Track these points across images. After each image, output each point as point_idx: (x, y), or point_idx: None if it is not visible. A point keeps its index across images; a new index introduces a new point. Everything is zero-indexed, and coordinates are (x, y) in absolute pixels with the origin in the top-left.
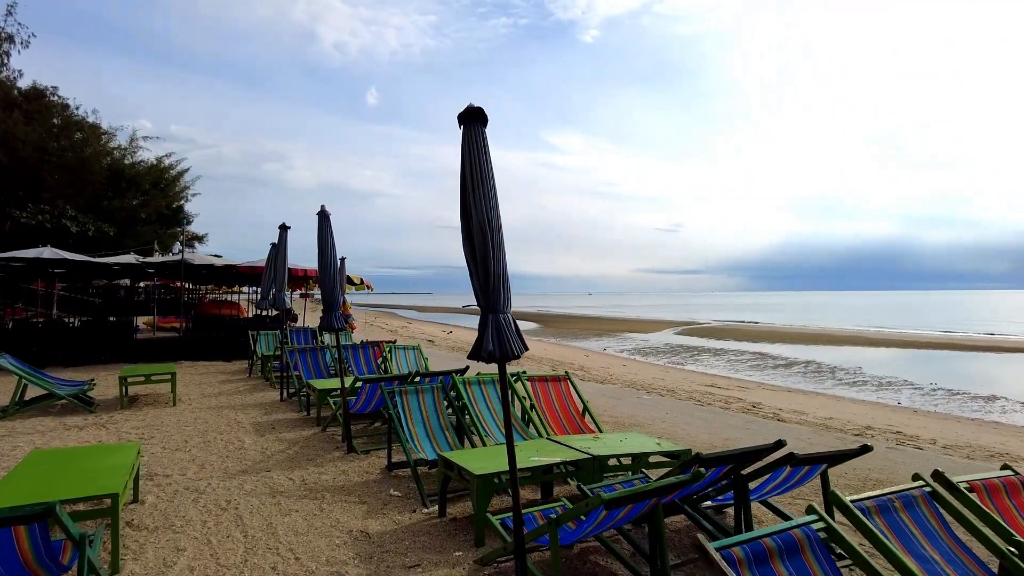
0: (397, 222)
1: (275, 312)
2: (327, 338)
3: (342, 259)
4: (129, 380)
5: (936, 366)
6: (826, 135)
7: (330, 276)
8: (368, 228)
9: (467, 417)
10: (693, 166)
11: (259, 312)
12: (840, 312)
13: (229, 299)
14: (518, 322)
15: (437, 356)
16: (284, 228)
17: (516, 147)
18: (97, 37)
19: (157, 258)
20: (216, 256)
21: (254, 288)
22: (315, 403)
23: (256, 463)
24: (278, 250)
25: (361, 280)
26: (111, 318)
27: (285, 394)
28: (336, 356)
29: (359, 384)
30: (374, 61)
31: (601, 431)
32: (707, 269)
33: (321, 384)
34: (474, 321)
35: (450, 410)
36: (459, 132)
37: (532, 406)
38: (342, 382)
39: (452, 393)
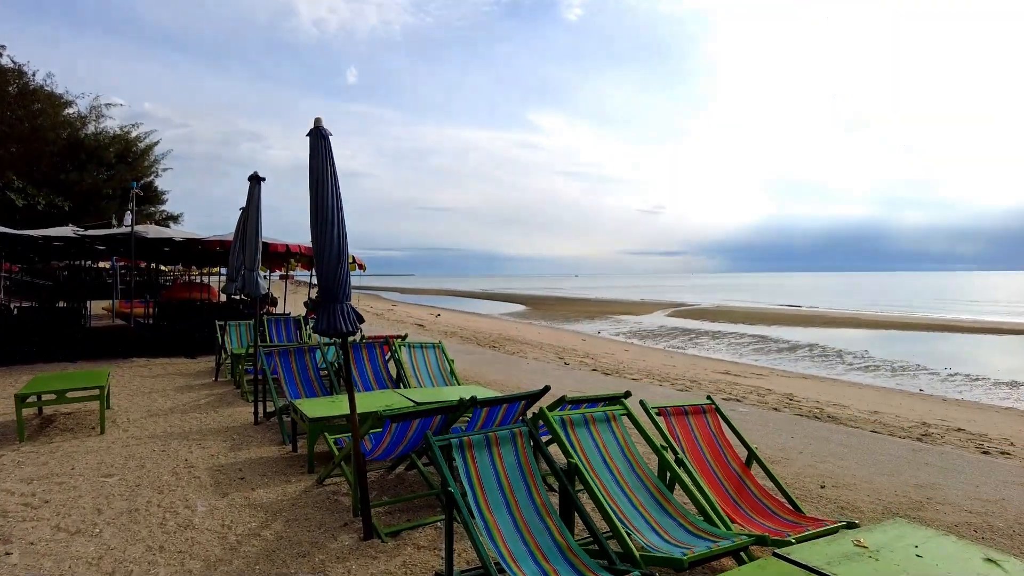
0: (376, 203)
1: (246, 297)
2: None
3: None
4: (40, 397)
5: (937, 348)
6: (804, 117)
7: (334, 241)
8: (347, 210)
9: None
10: (675, 147)
11: (233, 296)
12: (824, 293)
13: (202, 281)
14: (507, 303)
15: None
16: (257, 180)
17: (497, 127)
18: (58, 11)
19: (101, 231)
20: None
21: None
22: (306, 437)
23: (210, 564)
24: (247, 213)
25: (353, 259)
26: (61, 304)
27: (261, 413)
28: (333, 357)
29: (382, 419)
30: (353, 39)
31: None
32: (688, 250)
33: (314, 409)
34: (461, 303)
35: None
36: (443, 112)
37: (679, 461)
38: (353, 414)
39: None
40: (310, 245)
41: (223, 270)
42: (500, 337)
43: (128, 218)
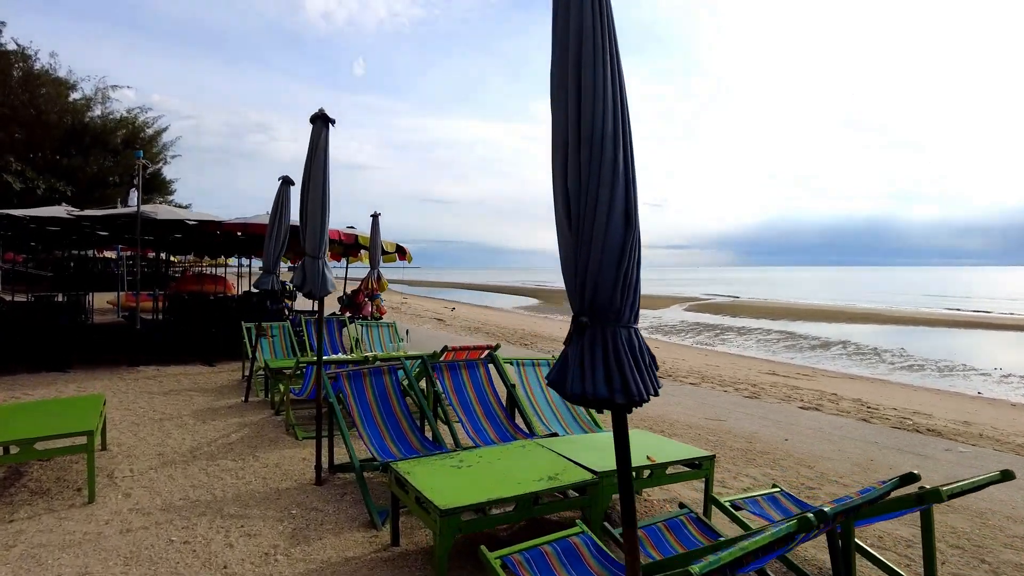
0: (382, 195)
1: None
2: (357, 332)
3: (375, 215)
4: None
5: (970, 344)
6: (811, 113)
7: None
8: (354, 201)
9: None
10: (680, 141)
11: (258, 290)
12: (836, 288)
13: (214, 272)
14: (518, 297)
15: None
16: (325, 121)
17: (503, 119)
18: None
19: (99, 211)
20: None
21: (245, 260)
22: (431, 534)
23: None
24: (308, 177)
25: (397, 247)
26: (59, 297)
27: (325, 464)
28: (424, 388)
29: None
30: (361, 31)
31: None
32: (694, 244)
33: (442, 489)
34: (471, 296)
35: None
36: (449, 105)
37: None
38: None
39: None
40: (348, 231)
41: (243, 260)
42: (529, 334)
43: (133, 197)
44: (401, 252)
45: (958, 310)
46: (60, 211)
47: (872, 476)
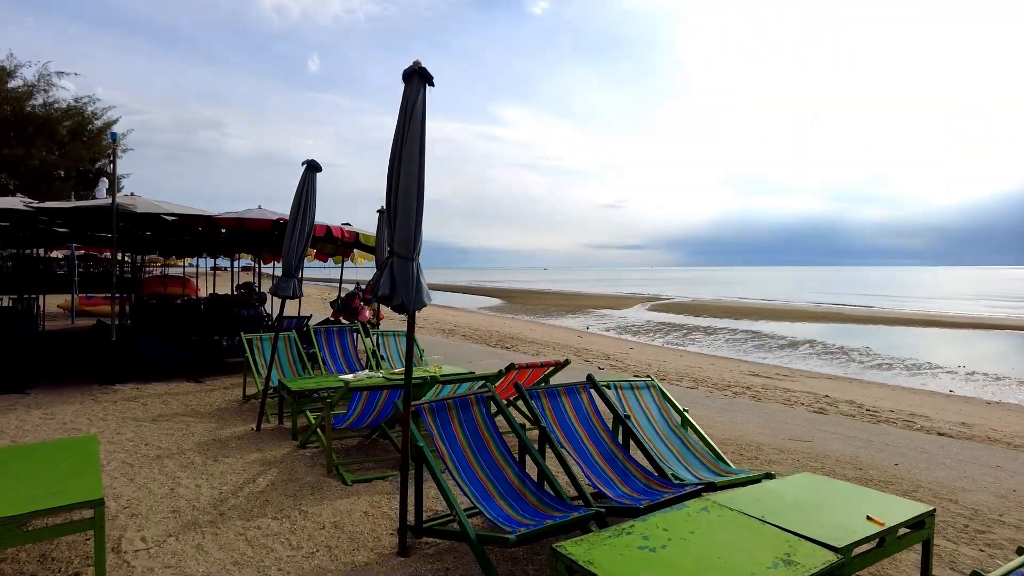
0: (342, 194)
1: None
2: (373, 342)
3: (382, 210)
4: None
5: (929, 343)
6: (763, 114)
7: None
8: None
9: None
10: (637, 141)
11: (240, 292)
12: (791, 286)
13: (167, 273)
14: (482, 297)
15: (475, 352)
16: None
17: (462, 119)
18: None
19: (67, 204)
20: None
21: (209, 258)
22: None
23: None
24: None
25: None
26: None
27: (409, 533)
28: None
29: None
30: (316, 27)
31: None
32: (649, 244)
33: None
34: (435, 297)
35: None
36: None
37: None
38: None
39: None
40: (345, 228)
41: (202, 260)
42: (505, 336)
43: (102, 191)
44: None
45: (904, 309)
46: (16, 202)
47: None
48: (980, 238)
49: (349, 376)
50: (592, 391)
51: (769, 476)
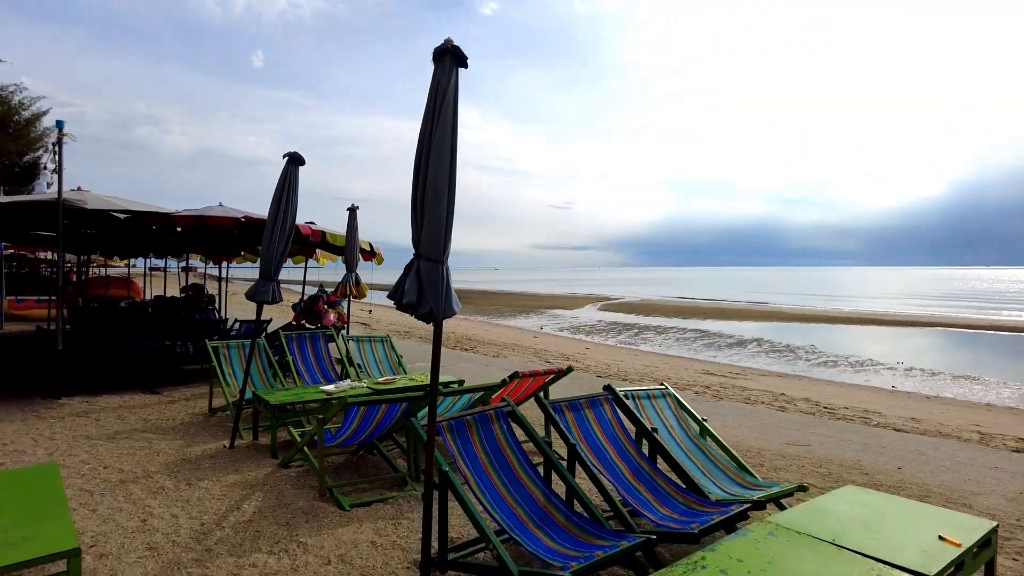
0: None
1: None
2: (345, 347)
3: (352, 208)
4: None
5: (864, 340)
6: (705, 117)
7: None
8: (252, 195)
9: None
10: (588, 144)
11: (188, 293)
12: (734, 286)
13: (114, 275)
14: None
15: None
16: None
17: (411, 117)
18: None
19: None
20: None
21: (155, 259)
22: None
23: None
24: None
25: (371, 246)
26: None
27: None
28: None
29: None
30: (260, 21)
31: None
32: (596, 246)
33: None
34: (383, 298)
35: None
36: (356, 101)
37: None
38: None
39: None
40: (310, 226)
41: (157, 261)
42: (462, 337)
43: (43, 182)
44: (370, 252)
45: (843, 308)
46: None
47: None
48: (906, 240)
49: (331, 387)
50: (614, 403)
51: (802, 488)
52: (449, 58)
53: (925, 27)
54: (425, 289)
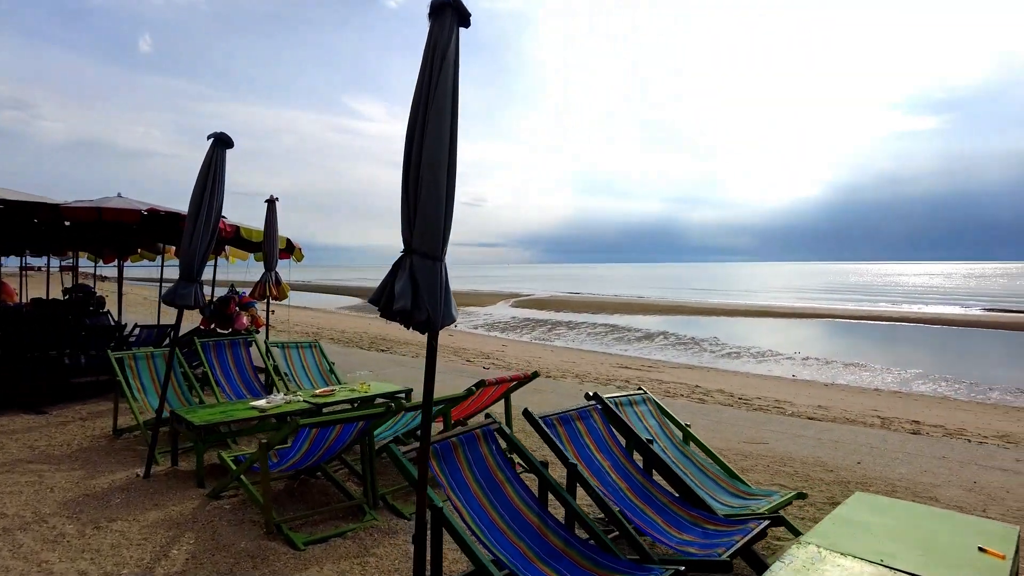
0: (174, 185)
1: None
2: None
3: (271, 199)
4: None
5: (760, 332)
6: (607, 118)
7: None
8: (141, 191)
9: None
10: (497, 142)
11: (76, 296)
12: (634, 282)
13: None
14: (338, 296)
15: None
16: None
17: (312, 109)
18: None
19: None
20: None
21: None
22: None
23: None
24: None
25: (288, 242)
26: None
27: None
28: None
29: None
30: (147, 3)
31: None
32: (504, 243)
33: None
34: (292, 297)
35: None
36: (252, 90)
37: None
38: None
39: None
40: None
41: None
42: (376, 337)
43: None
44: (290, 249)
45: (740, 302)
46: None
47: (1003, 505)
48: (793, 237)
49: (262, 402)
50: (603, 413)
51: (801, 495)
52: (450, 12)
53: (803, 24)
54: (421, 291)
